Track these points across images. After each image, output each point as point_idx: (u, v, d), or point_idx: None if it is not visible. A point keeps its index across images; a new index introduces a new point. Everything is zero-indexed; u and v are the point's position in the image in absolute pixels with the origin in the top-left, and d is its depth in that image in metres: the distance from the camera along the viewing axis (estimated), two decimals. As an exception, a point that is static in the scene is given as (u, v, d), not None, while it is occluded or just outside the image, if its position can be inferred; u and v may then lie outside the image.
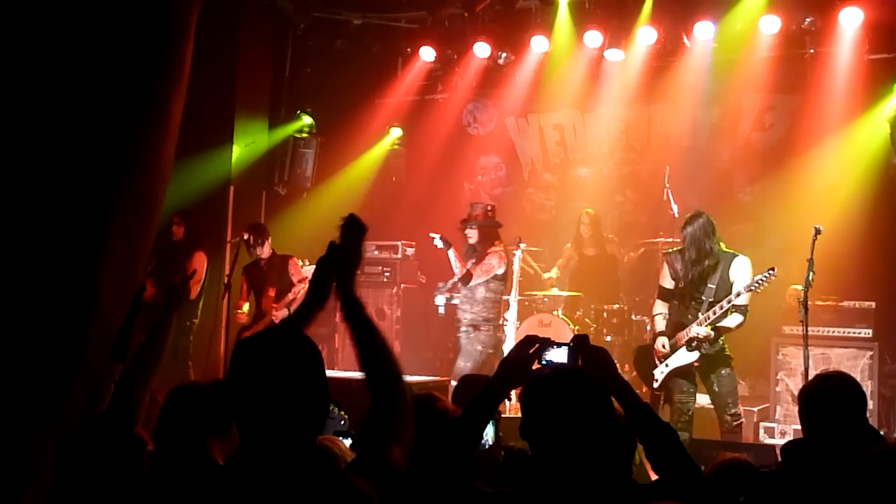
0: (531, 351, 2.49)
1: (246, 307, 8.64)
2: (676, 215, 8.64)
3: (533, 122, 11.26)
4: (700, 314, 6.46)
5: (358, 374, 2.23)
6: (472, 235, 8.22)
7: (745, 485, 3.04)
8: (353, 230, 2.31)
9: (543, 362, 2.52)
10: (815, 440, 3.07)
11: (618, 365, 8.05)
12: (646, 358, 6.84)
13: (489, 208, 8.36)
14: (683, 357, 6.54)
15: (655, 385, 6.71)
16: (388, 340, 2.29)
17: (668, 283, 6.70)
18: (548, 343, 2.53)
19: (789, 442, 3.29)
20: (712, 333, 6.40)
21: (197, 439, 2.91)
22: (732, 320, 6.40)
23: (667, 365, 6.63)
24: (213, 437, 2.94)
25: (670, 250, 6.87)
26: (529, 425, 2.29)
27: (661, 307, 6.76)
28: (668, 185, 8.98)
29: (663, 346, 6.61)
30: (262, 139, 10.33)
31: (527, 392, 2.33)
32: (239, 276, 8.61)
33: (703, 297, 6.46)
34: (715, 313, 6.38)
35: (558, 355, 2.53)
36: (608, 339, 8.87)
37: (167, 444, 2.95)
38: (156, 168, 0.80)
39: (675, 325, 6.63)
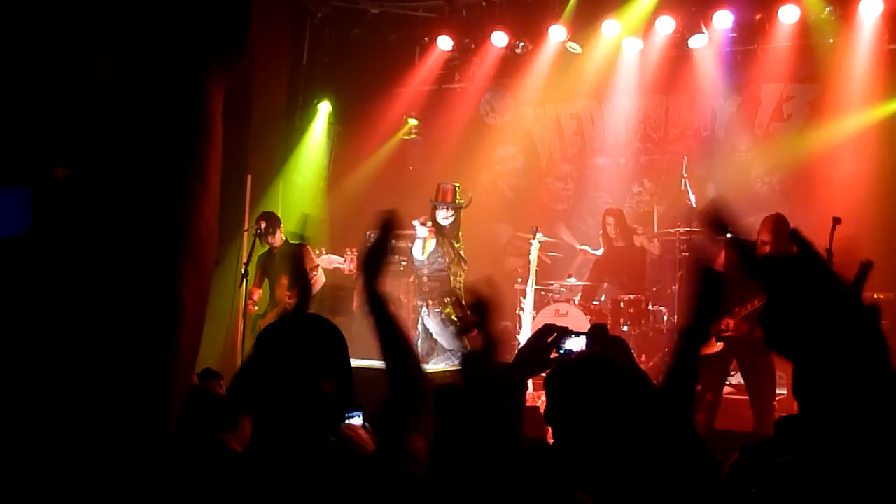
0: (549, 340, 2.49)
1: (257, 295, 8.66)
2: (694, 205, 8.62)
3: (550, 112, 11.26)
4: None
5: (371, 363, 2.21)
6: (448, 217, 7.87)
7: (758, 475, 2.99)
8: (384, 227, 2.34)
9: (561, 351, 2.52)
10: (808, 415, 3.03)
11: (634, 355, 8.10)
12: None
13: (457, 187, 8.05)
14: (712, 345, 6.60)
15: None
16: (409, 335, 2.31)
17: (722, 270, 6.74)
18: (566, 332, 2.54)
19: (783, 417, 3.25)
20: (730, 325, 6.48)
21: (209, 436, 2.93)
22: None
23: None
24: (224, 432, 2.96)
25: None
26: (555, 411, 2.28)
27: None
28: (686, 176, 8.96)
29: None
30: (279, 128, 10.36)
31: (553, 377, 2.33)
32: (255, 264, 8.63)
33: (751, 291, 6.48)
34: (753, 306, 6.44)
35: (576, 344, 2.55)
36: (625, 328, 8.82)
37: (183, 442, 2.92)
38: (209, 233, 0.87)
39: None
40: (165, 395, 0.81)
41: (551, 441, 2.44)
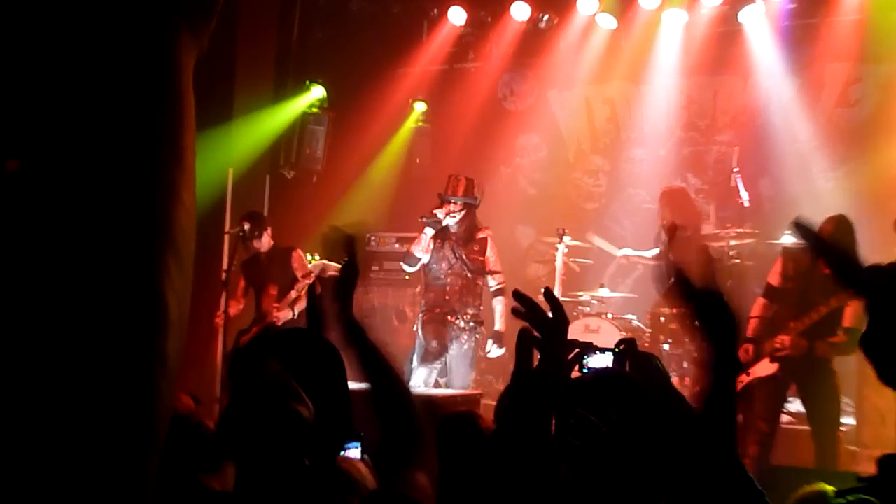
0: (570, 357, 2.49)
1: (236, 309, 8.70)
2: (746, 204, 8.57)
3: (579, 96, 11.21)
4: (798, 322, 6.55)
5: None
6: (455, 214, 7.92)
7: None
8: (343, 246, 2.34)
9: (585, 370, 2.54)
10: None
11: (676, 378, 7.93)
12: None
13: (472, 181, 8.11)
14: (766, 367, 6.63)
15: None
16: (398, 367, 2.33)
17: (778, 280, 6.78)
18: (589, 348, 2.56)
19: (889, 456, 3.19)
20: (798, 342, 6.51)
21: (187, 475, 2.93)
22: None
23: (748, 374, 6.67)
24: (205, 473, 2.95)
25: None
26: (564, 438, 2.26)
27: (759, 308, 6.85)
28: (736, 170, 8.82)
29: (746, 352, 6.65)
30: (265, 115, 10.39)
31: (562, 397, 2.31)
32: (237, 272, 8.68)
33: (813, 304, 6.51)
34: (811, 320, 6.47)
35: (602, 362, 2.55)
36: (666, 347, 8.74)
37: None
38: (190, 223, 0.86)
39: (769, 330, 6.71)
40: (153, 407, 0.80)
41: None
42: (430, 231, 7.84)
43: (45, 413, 0.76)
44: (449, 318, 7.85)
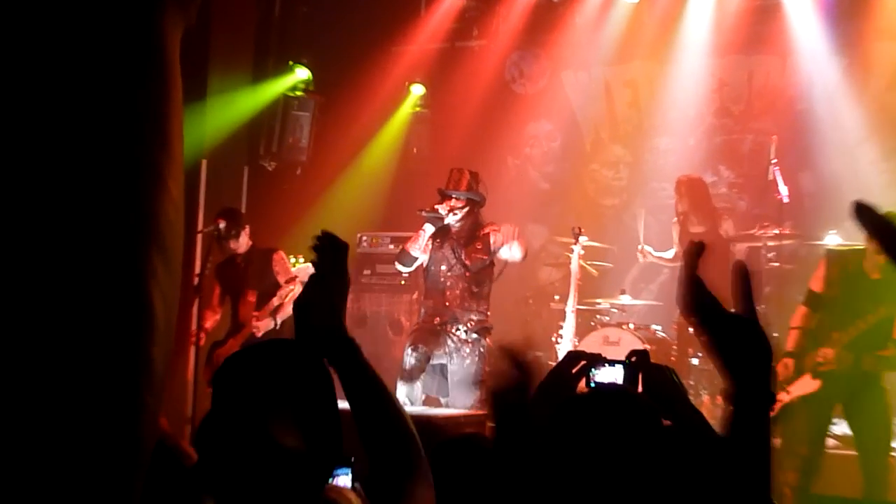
0: (575, 370, 2.51)
1: (212, 321, 8.70)
2: (785, 200, 8.59)
3: (598, 78, 11.21)
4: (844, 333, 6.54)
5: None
6: (457, 210, 7.86)
7: None
8: (331, 252, 2.31)
9: (592, 385, 2.55)
10: None
11: (707, 396, 7.88)
12: None
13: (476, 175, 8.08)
14: (807, 384, 6.61)
15: (772, 414, 6.67)
16: (390, 393, 2.33)
17: (821, 286, 6.76)
18: (597, 360, 2.57)
19: None
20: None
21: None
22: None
23: (787, 392, 6.64)
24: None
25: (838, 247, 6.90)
26: (554, 460, 2.16)
27: (800, 318, 6.83)
28: (774, 161, 8.83)
29: (785, 367, 6.63)
30: (243, 98, 10.36)
31: (553, 416, 2.23)
32: (211, 276, 8.69)
33: (860, 313, 6.51)
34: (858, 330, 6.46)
35: (611, 375, 2.56)
36: (694, 361, 8.81)
37: None
38: (178, 216, 0.87)
39: (811, 342, 6.70)
40: (138, 424, 0.81)
41: None
42: (429, 228, 7.81)
43: (23, 432, 0.75)
44: (448, 328, 7.80)
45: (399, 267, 8.20)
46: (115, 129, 0.83)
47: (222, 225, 8.49)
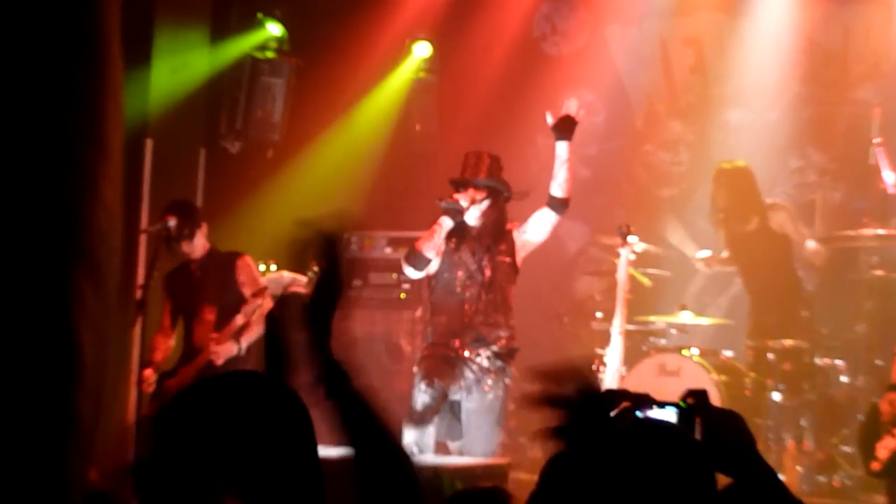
0: (614, 413, 2.53)
1: (163, 349, 8.72)
2: (892, 191, 8.80)
3: (651, 35, 11.35)
4: None
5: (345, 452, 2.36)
6: (479, 204, 7.92)
7: None
8: (326, 249, 2.45)
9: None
10: None
11: (792, 441, 8.43)
12: (870, 424, 7.12)
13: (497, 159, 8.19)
14: None
15: (876, 466, 6.91)
16: (392, 426, 2.44)
17: None
18: (643, 401, 2.58)
19: None
20: None
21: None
22: None
23: (893, 435, 6.82)
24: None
25: None
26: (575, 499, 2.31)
27: None
28: (877, 141, 8.95)
29: (891, 404, 6.81)
30: (198, 60, 10.41)
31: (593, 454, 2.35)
32: (160, 288, 8.70)
33: None
34: None
35: (662, 419, 2.63)
36: (776, 396, 8.88)
37: None
38: (112, 226, 0.99)
39: None
40: (62, 487, 0.91)
41: None
42: (447, 222, 7.86)
43: None
44: (469, 354, 7.81)
45: (409, 272, 8.20)
46: (31, 120, 0.91)
47: (172, 223, 8.46)
